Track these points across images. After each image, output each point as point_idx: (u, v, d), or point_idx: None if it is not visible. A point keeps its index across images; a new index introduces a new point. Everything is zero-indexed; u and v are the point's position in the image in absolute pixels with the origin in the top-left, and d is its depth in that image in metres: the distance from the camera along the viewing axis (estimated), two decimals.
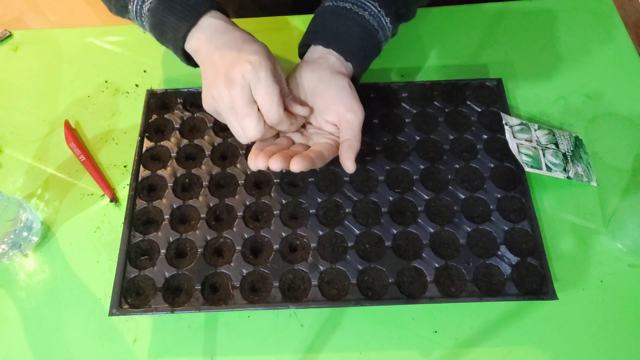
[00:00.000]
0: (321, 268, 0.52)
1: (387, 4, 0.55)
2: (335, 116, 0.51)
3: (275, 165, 0.47)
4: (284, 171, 0.58)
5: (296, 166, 0.47)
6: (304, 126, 0.54)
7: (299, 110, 0.51)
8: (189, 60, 0.54)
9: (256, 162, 0.48)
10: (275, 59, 0.50)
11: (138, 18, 0.54)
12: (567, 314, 0.51)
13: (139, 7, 0.53)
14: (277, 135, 0.53)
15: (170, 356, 0.51)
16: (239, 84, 0.46)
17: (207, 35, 0.50)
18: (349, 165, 0.49)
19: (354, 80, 0.56)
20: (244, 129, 0.48)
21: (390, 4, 0.55)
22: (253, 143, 0.51)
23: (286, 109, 0.50)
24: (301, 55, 0.58)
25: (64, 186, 0.61)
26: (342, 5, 0.54)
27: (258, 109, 0.47)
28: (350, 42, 0.54)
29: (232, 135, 0.61)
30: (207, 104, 0.50)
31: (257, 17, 0.73)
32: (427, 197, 0.56)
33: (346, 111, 0.51)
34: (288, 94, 0.51)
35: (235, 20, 0.53)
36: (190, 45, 0.52)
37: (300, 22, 0.73)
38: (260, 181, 0.58)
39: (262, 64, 0.46)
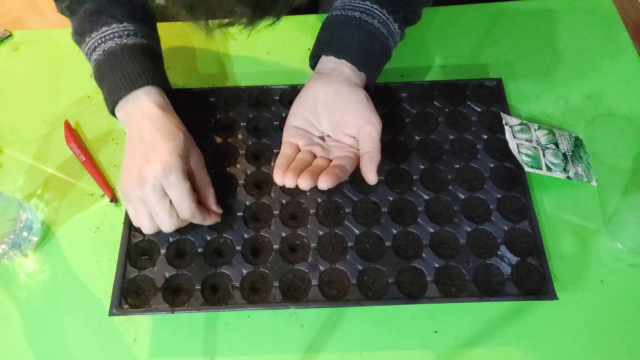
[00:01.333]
0: (321, 268, 0.52)
1: (395, 10, 0.55)
2: (355, 129, 0.52)
3: (305, 184, 0.47)
4: None
5: (324, 184, 0.47)
6: (323, 139, 0.54)
7: (212, 205, 0.53)
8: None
9: (285, 181, 0.49)
10: (195, 150, 0.53)
11: (88, 59, 0.56)
12: (567, 314, 0.51)
13: (89, 52, 0.55)
14: (298, 150, 0.53)
15: (170, 356, 0.51)
16: (150, 183, 0.48)
17: (133, 114, 0.52)
18: (371, 177, 0.49)
19: (367, 88, 0.56)
20: (159, 223, 0.49)
21: (398, 9, 0.56)
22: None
23: (201, 202, 0.52)
24: (312, 65, 0.58)
25: (64, 186, 0.61)
26: (351, 14, 0.55)
27: (170, 204, 0.49)
28: (363, 52, 0.54)
29: (232, 136, 0.61)
30: (121, 187, 0.51)
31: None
32: (427, 197, 0.56)
33: (365, 124, 0.51)
34: (208, 184, 0.54)
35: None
36: (119, 115, 0.54)
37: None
38: (260, 181, 0.58)
39: (172, 167, 0.48)
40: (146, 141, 0.50)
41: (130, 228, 0.55)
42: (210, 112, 0.63)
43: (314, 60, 0.58)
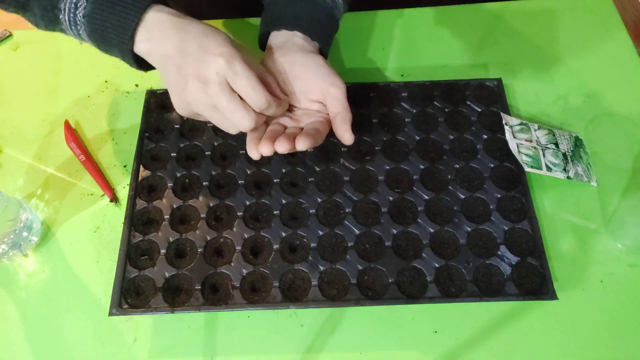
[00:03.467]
0: (321, 268, 0.52)
1: None
2: (319, 93, 0.51)
3: (283, 147, 0.46)
4: (284, 171, 0.58)
5: (302, 144, 0.46)
6: (290, 110, 0.53)
7: (279, 93, 0.50)
8: (140, 64, 0.50)
9: (261, 150, 0.47)
10: (240, 44, 0.48)
11: (73, 28, 0.49)
12: (567, 314, 0.51)
13: (71, 15, 0.48)
14: (267, 124, 0.52)
15: (170, 356, 0.51)
16: (215, 82, 0.44)
17: (158, 34, 0.46)
18: (347, 136, 0.49)
19: (322, 55, 0.56)
20: (236, 123, 0.46)
21: None
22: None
23: (270, 91, 0.48)
24: (262, 44, 0.57)
25: (64, 186, 0.61)
26: None
27: (241, 99, 0.45)
28: (313, 22, 0.54)
29: (232, 136, 0.61)
30: (182, 109, 0.47)
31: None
32: (427, 197, 0.56)
33: (329, 86, 0.51)
34: (264, 73, 0.49)
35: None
36: (141, 48, 0.47)
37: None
38: (260, 181, 0.58)
39: (232, 55, 0.44)
40: (189, 50, 0.45)
41: (130, 228, 0.55)
42: None
43: (263, 39, 0.57)
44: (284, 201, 0.56)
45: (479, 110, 0.62)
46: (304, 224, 0.55)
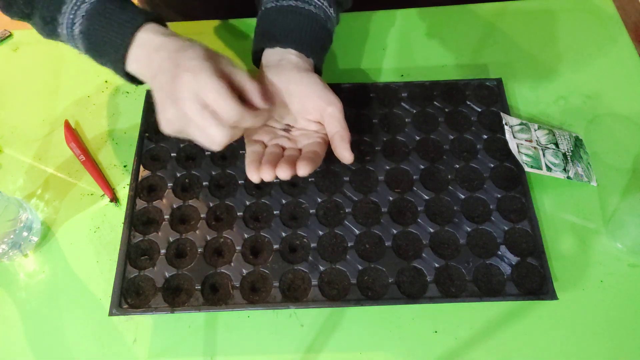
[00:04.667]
0: (321, 268, 0.52)
1: None
2: (317, 113, 0.51)
3: (284, 173, 0.46)
4: None
5: (303, 170, 0.46)
6: (287, 130, 0.53)
7: (259, 102, 0.47)
8: (133, 79, 0.51)
9: (262, 174, 0.47)
10: (219, 54, 0.47)
11: (71, 41, 0.51)
12: (567, 314, 0.51)
13: (69, 30, 0.49)
14: (265, 145, 0.52)
15: (170, 356, 0.51)
16: (185, 98, 0.43)
17: (145, 55, 0.48)
18: (346, 155, 0.49)
19: (317, 72, 0.55)
20: (211, 139, 0.45)
21: None
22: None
23: (247, 103, 0.46)
24: (256, 60, 0.57)
25: (64, 186, 0.61)
26: (285, 4, 0.54)
27: (215, 113, 0.44)
28: (306, 38, 0.53)
29: None
30: (166, 128, 0.47)
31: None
32: (427, 197, 0.56)
33: (326, 105, 0.50)
34: (247, 81, 0.47)
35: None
36: (132, 68, 0.49)
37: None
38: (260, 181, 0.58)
39: (200, 67, 0.43)
40: (168, 68, 0.45)
41: (130, 228, 0.55)
42: None
43: (257, 55, 0.56)
44: (284, 201, 0.56)
45: (479, 110, 0.62)
46: (304, 224, 0.55)
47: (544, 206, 0.57)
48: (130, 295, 0.51)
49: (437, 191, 0.57)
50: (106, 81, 0.68)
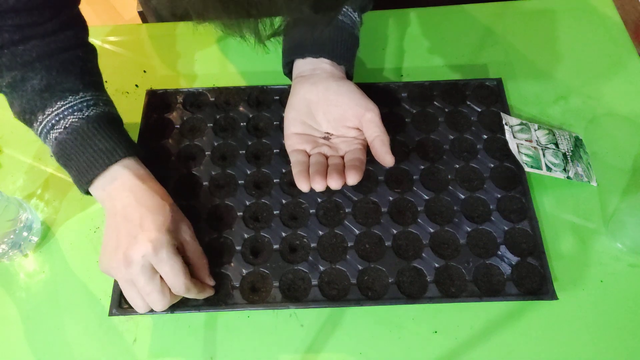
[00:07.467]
0: (321, 268, 0.52)
1: (352, 0, 0.56)
2: (355, 120, 0.52)
3: (335, 184, 0.47)
4: (284, 171, 0.58)
5: (353, 179, 0.47)
6: (327, 138, 0.54)
7: (206, 279, 0.50)
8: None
9: (313, 185, 0.48)
10: (182, 221, 0.50)
11: (42, 138, 0.51)
12: (567, 314, 0.51)
13: (45, 130, 0.50)
14: (307, 155, 0.53)
15: (170, 356, 0.51)
16: (139, 264, 0.45)
17: (114, 190, 0.48)
18: (388, 159, 0.50)
19: (348, 78, 0.57)
20: (149, 303, 0.46)
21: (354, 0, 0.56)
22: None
23: (194, 275, 0.49)
24: (287, 72, 0.58)
25: (64, 186, 0.61)
26: None
27: (161, 280, 0.46)
28: (338, 46, 0.54)
29: (232, 136, 0.61)
30: (104, 268, 0.48)
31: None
32: (427, 197, 0.56)
33: (364, 111, 0.51)
34: (199, 257, 0.50)
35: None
36: (94, 193, 0.50)
37: None
38: (260, 181, 0.58)
39: (162, 242, 0.45)
40: (131, 218, 0.46)
41: None
42: (210, 112, 0.63)
43: (288, 67, 0.58)
44: (284, 201, 0.56)
45: (479, 110, 0.62)
46: (304, 224, 0.55)
47: (544, 206, 0.57)
48: None
49: (437, 191, 0.57)
50: (106, 81, 0.68)
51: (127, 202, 0.47)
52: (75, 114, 0.49)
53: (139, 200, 0.48)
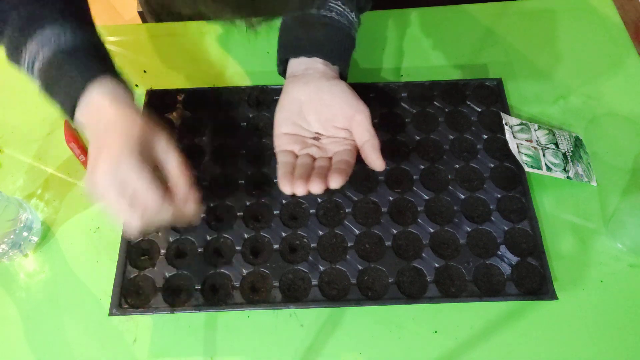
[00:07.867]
0: (321, 268, 0.52)
1: (350, 0, 0.55)
2: (345, 120, 0.51)
3: (317, 188, 0.46)
4: None
5: (335, 183, 0.47)
6: (317, 139, 0.53)
7: (184, 192, 0.47)
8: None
9: (294, 189, 0.47)
10: (150, 135, 0.47)
11: (30, 74, 0.51)
12: (567, 314, 0.51)
13: (30, 65, 0.49)
14: (295, 155, 0.52)
15: (170, 356, 0.51)
16: (103, 181, 0.43)
17: (91, 112, 0.47)
18: (379, 163, 0.49)
19: (342, 78, 0.56)
20: (125, 223, 0.44)
21: None
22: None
23: (169, 189, 0.46)
24: (281, 71, 0.58)
25: (64, 186, 0.61)
26: (308, 12, 0.54)
27: (136, 200, 0.43)
28: (332, 46, 0.54)
29: (232, 135, 0.61)
30: (89, 188, 0.45)
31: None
32: (427, 197, 0.56)
33: (354, 113, 0.51)
34: (175, 166, 0.47)
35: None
36: (79, 119, 0.49)
37: None
38: (260, 181, 0.58)
39: (121, 154, 0.43)
40: (100, 139, 0.46)
41: None
42: (211, 112, 0.63)
43: (282, 66, 0.57)
44: (284, 201, 0.56)
45: (479, 110, 0.62)
46: (304, 224, 0.55)
47: (544, 206, 0.57)
48: (130, 295, 0.52)
49: (437, 191, 0.57)
50: None
51: (99, 122, 0.46)
52: (52, 41, 0.48)
53: (109, 119, 0.46)
